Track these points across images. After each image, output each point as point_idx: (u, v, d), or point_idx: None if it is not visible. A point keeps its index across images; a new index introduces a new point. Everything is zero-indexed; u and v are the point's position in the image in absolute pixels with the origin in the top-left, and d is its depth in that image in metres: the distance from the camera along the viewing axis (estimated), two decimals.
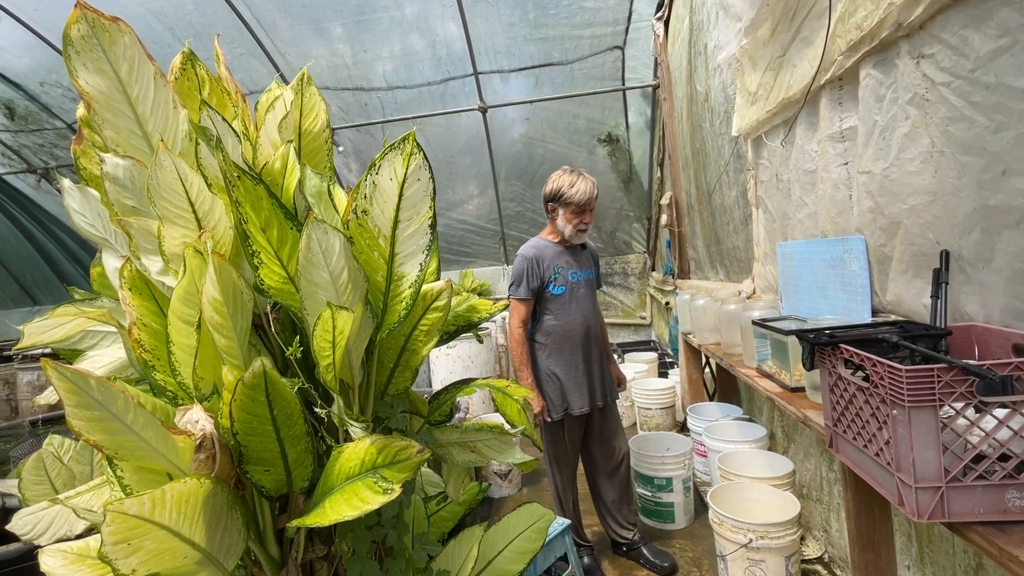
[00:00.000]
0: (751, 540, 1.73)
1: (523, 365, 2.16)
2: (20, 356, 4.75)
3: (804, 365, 1.20)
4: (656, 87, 4.66)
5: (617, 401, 2.35)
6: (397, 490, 0.89)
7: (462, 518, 1.63)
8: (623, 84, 4.92)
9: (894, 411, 0.90)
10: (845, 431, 1.10)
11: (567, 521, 1.93)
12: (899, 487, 0.91)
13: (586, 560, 2.21)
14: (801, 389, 1.57)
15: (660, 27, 4.07)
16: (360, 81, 5.10)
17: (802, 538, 2.21)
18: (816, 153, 1.77)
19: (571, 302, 2.18)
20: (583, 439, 2.29)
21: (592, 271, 2.31)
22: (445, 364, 4.46)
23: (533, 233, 6.00)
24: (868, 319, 1.47)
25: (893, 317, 1.40)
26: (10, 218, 6.55)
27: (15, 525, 1.23)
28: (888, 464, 0.94)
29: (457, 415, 2.63)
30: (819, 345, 1.14)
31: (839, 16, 1.47)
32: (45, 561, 0.98)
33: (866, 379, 1.00)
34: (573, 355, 2.17)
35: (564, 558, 1.93)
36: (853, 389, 1.04)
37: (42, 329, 1.06)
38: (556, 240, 2.25)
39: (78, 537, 1.13)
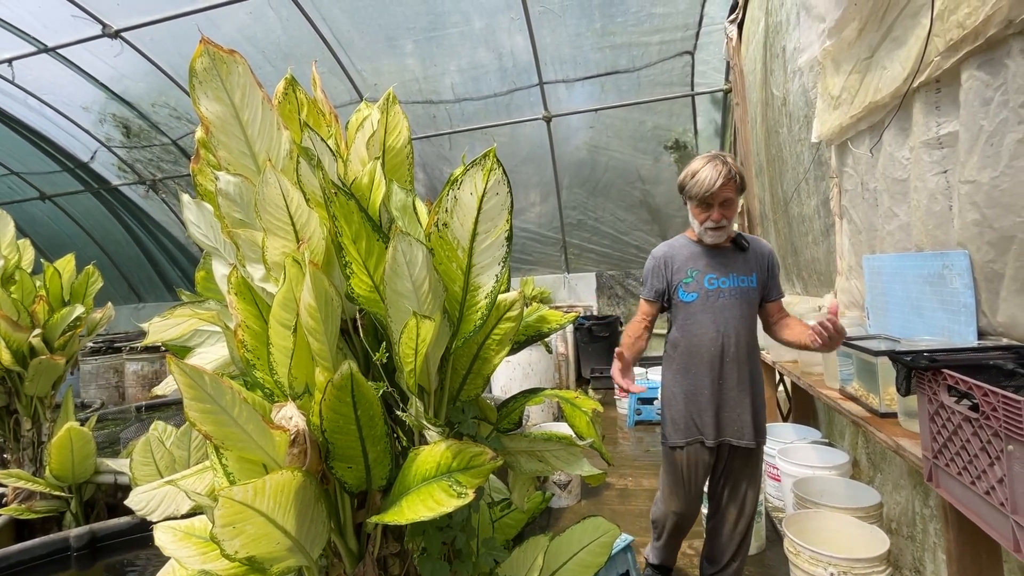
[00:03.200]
0: (832, 574, 1.62)
1: (626, 347, 1.79)
2: (128, 348, 5.31)
3: (899, 390, 1.12)
4: (728, 92, 4.50)
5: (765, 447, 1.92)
6: (471, 494, 0.92)
7: (525, 526, 1.65)
8: (692, 89, 4.79)
9: (1010, 446, 0.82)
10: (948, 464, 1.01)
11: (630, 537, 1.89)
12: (1015, 531, 0.83)
13: None
14: (893, 415, 1.46)
15: (733, 30, 3.93)
16: (429, 94, 5.30)
17: None
18: (908, 161, 1.64)
19: (703, 312, 1.79)
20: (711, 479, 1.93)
21: (751, 279, 1.82)
22: (505, 371, 4.50)
23: (595, 241, 6.01)
24: (974, 342, 1.34)
25: (1005, 341, 1.27)
26: (123, 224, 7.36)
27: (131, 501, 1.38)
28: (1001, 504, 0.85)
29: None
30: (918, 369, 1.06)
31: (937, 14, 1.37)
32: (159, 536, 1.10)
33: (975, 408, 0.92)
34: (700, 376, 1.80)
35: (626, 575, 1.89)
36: (959, 419, 0.95)
37: (163, 328, 1.19)
38: (696, 239, 1.87)
39: (183, 516, 1.26)
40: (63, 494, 2.46)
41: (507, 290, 1.20)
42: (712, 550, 1.97)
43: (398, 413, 1.05)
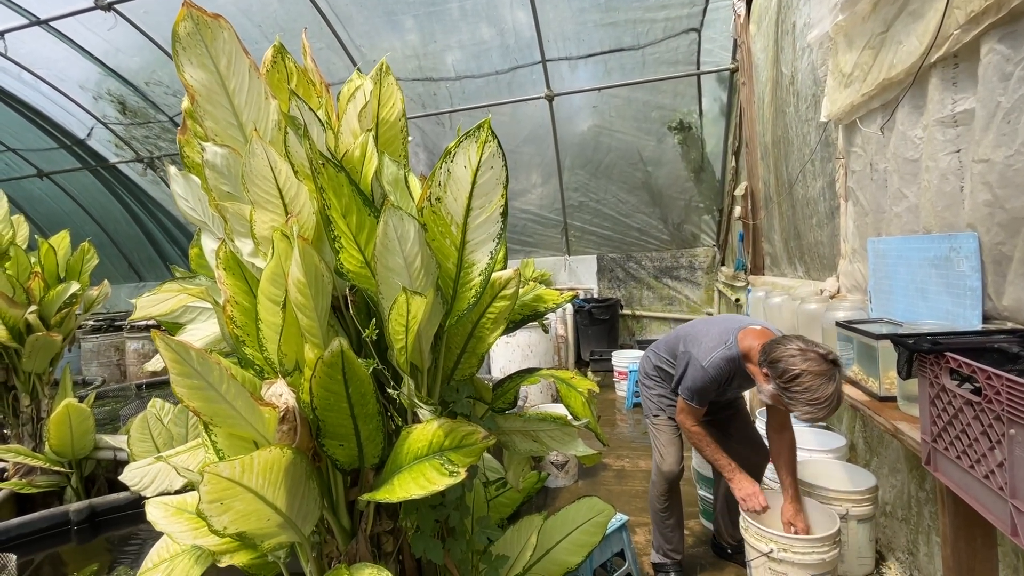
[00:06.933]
0: (772, 550, 1.64)
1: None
2: (129, 326, 5.32)
3: (900, 373, 1.10)
4: (734, 71, 4.40)
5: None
6: (463, 473, 0.91)
7: (520, 505, 1.65)
8: (698, 68, 4.68)
9: (1012, 430, 0.80)
10: (947, 448, 1.00)
11: (626, 517, 1.90)
12: (1013, 515, 0.82)
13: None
14: (892, 399, 1.44)
15: (741, 6, 3.82)
16: (430, 72, 5.20)
17: (882, 559, 2.05)
18: (921, 140, 1.60)
19: None
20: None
21: None
22: (504, 352, 4.50)
23: (596, 224, 5.95)
24: (978, 326, 1.32)
25: (1010, 325, 1.25)
26: (122, 203, 7.31)
27: (125, 477, 1.38)
28: (1000, 489, 0.84)
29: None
30: (920, 352, 1.03)
31: None
32: (151, 512, 1.10)
33: (977, 392, 0.90)
34: None
35: (621, 554, 1.91)
36: (960, 403, 0.93)
37: (151, 303, 1.17)
38: (743, 362, 1.78)
39: (177, 492, 1.25)
40: (63, 469, 2.48)
41: (503, 268, 1.17)
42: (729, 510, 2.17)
43: (390, 391, 1.03)
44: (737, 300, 4.52)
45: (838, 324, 1.69)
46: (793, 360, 1.51)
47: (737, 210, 4.24)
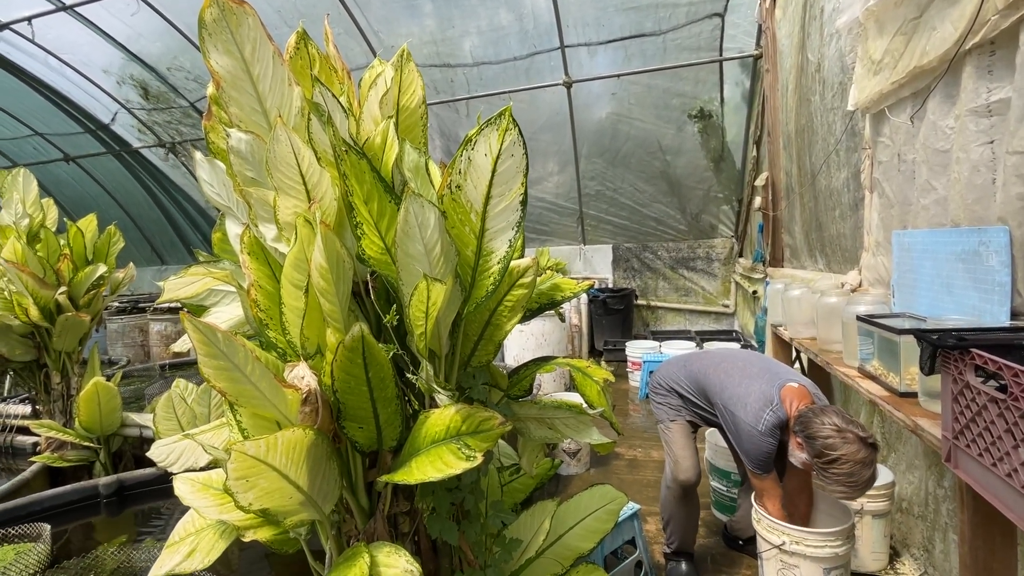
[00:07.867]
0: (784, 543, 1.64)
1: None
2: (152, 308, 5.45)
3: (922, 369, 1.08)
4: (758, 57, 4.30)
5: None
6: (479, 458, 0.93)
7: (532, 491, 1.67)
8: (720, 55, 4.58)
9: None
10: (969, 446, 0.98)
11: (637, 506, 1.91)
12: None
13: (684, 566, 2.06)
14: (912, 394, 1.42)
15: None
16: (447, 58, 5.17)
17: (896, 555, 2.04)
18: (953, 130, 1.55)
19: None
20: None
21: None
22: (518, 340, 4.52)
23: (612, 213, 5.91)
24: (1006, 322, 1.29)
25: None
26: (144, 187, 7.45)
27: (152, 453, 1.43)
28: (1023, 487, 0.83)
29: None
30: (944, 348, 1.02)
31: None
32: (178, 487, 1.14)
33: (1002, 390, 0.88)
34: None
35: (632, 542, 1.93)
36: (984, 400, 0.92)
37: (178, 286, 1.20)
38: (785, 430, 1.73)
39: (202, 469, 1.30)
40: (92, 445, 2.57)
41: (521, 256, 1.18)
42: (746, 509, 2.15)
43: (409, 376, 1.05)
44: (754, 292, 4.46)
45: (859, 318, 1.66)
46: (831, 442, 1.48)
47: (757, 200, 4.16)
